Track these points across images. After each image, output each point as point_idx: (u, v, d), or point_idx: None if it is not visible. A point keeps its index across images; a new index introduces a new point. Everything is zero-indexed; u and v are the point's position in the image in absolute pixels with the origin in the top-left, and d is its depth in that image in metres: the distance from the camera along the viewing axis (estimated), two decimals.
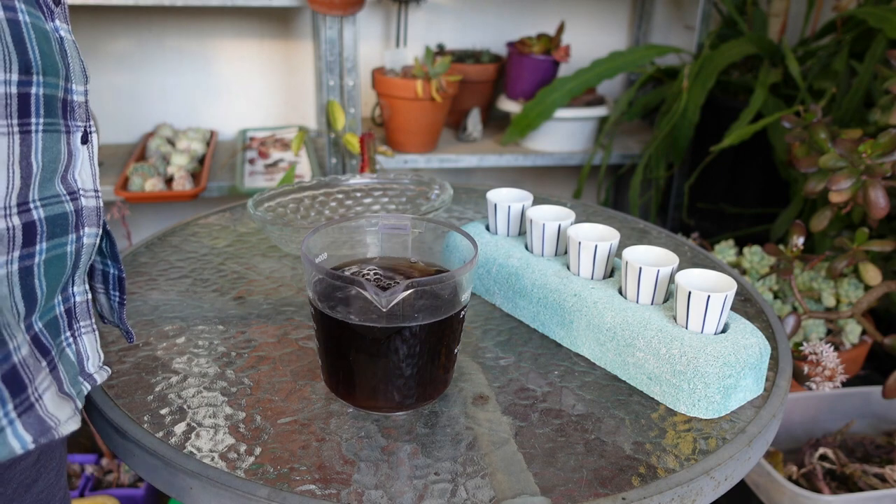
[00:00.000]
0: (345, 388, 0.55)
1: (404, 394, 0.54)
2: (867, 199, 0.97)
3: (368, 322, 0.51)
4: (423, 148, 1.72)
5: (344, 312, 0.52)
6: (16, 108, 0.43)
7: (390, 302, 0.49)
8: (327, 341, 0.54)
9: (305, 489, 0.48)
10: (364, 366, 0.53)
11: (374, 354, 0.52)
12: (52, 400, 0.45)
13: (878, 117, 1.21)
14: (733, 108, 1.61)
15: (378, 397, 0.54)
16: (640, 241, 0.85)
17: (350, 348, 0.53)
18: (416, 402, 0.55)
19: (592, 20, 1.98)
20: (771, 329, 0.69)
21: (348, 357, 0.53)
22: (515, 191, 0.73)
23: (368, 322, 0.51)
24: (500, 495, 0.48)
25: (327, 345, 0.54)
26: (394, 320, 0.51)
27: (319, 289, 0.53)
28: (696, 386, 0.56)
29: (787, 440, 1.20)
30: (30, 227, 0.44)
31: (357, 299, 0.52)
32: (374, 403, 0.55)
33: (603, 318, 0.61)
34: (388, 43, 1.88)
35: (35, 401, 0.43)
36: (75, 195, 0.49)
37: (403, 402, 0.55)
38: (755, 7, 1.74)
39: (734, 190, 1.70)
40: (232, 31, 1.81)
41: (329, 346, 0.54)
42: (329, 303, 0.53)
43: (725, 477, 0.52)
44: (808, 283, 1.34)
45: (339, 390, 0.56)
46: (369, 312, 0.51)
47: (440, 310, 0.52)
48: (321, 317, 0.53)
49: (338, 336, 0.53)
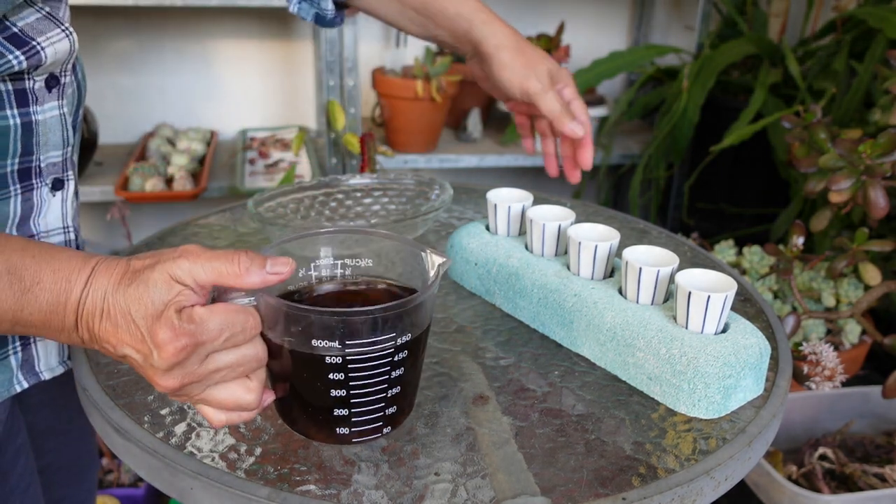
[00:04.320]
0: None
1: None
2: (867, 199, 0.97)
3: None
4: (423, 148, 1.72)
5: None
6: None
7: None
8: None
9: (305, 489, 0.48)
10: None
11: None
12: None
13: (878, 117, 1.21)
14: (733, 108, 1.61)
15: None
16: (640, 241, 0.85)
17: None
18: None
19: (592, 20, 1.98)
20: (771, 329, 0.69)
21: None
22: (515, 191, 0.73)
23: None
24: (500, 495, 0.48)
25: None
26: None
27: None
28: (697, 386, 0.56)
29: (787, 440, 1.20)
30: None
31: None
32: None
33: (603, 318, 0.61)
34: (388, 43, 1.88)
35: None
36: (32, 238, 0.56)
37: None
38: (755, 7, 1.74)
39: (734, 190, 1.70)
40: (232, 31, 1.81)
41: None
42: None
43: (725, 477, 0.52)
44: (808, 283, 1.34)
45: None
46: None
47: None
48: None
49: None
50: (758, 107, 1.49)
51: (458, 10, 0.70)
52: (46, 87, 0.53)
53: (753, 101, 1.50)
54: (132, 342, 0.43)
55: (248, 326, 0.44)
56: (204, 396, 0.45)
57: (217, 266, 0.43)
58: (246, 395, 0.45)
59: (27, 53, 0.50)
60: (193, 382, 0.44)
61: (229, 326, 0.43)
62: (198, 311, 0.42)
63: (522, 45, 0.71)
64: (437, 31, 0.72)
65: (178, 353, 0.42)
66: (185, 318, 0.42)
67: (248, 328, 0.44)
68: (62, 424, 0.74)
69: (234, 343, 0.44)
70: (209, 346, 0.43)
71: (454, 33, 0.71)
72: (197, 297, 0.43)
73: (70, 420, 0.75)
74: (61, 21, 0.53)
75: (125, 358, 0.44)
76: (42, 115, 0.53)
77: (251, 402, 0.46)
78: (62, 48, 0.52)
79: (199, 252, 0.43)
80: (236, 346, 0.44)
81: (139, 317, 0.42)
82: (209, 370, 0.44)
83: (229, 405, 0.46)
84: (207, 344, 0.43)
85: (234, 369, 0.45)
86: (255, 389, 0.46)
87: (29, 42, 0.50)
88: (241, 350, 0.44)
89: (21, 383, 0.59)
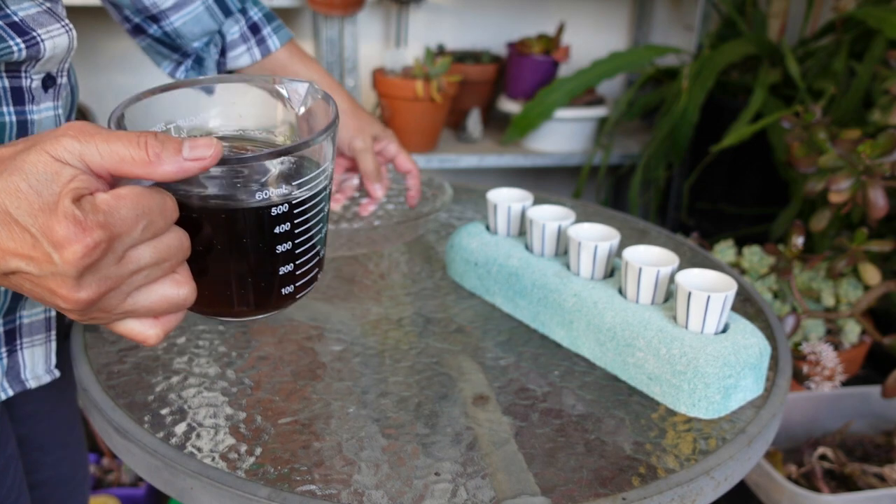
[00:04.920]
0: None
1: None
2: (866, 200, 0.97)
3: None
4: (423, 148, 1.72)
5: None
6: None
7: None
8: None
9: (305, 489, 0.48)
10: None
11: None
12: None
13: (878, 117, 1.21)
14: (733, 108, 1.61)
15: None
16: (640, 241, 0.85)
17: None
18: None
19: (592, 20, 1.98)
20: (771, 329, 0.69)
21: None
22: (515, 191, 0.73)
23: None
24: (500, 495, 0.48)
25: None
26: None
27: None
28: (696, 386, 0.56)
29: (787, 440, 1.20)
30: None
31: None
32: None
33: (603, 318, 0.61)
34: (388, 43, 1.88)
35: None
36: None
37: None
38: (754, 7, 1.74)
39: (734, 190, 1.70)
40: None
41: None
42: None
43: (725, 477, 0.52)
44: (808, 283, 1.34)
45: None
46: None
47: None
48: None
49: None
50: (757, 107, 1.49)
51: (308, 73, 0.78)
52: (43, 86, 0.53)
53: (753, 101, 1.50)
54: (19, 249, 0.33)
55: (167, 210, 0.36)
56: (128, 307, 0.37)
57: (117, 149, 0.34)
58: (177, 289, 0.38)
59: (28, 42, 0.49)
60: (112, 290, 0.35)
61: (145, 213, 0.35)
62: (102, 198, 0.34)
63: (358, 111, 0.79)
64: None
65: (90, 251, 0.33)
66: (89, 207, 0.33)
67: (168, 212, 0.36)
68: (57, 439, 0.73)
69: (154, 233, 0.36)
70: (126, 240, 0.34)
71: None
72: (96, 182, 0.35)
73: (65, 434, 0.74)
74: (61, 17, 0.53)
75: (15, 276, 0.35)
76: (38, 114, 0.53)
77: (187, 296, 0.38)
78: (61, 43, 0.52)
79: (92, 130, 0.35)
80: (156, 237, 0.36)
81: (23, 214, 0.33)
82: (130, 270, 0.35)
83: (161, 308, 0.38)
84: (124, 237, 0.34)
85: (159, 266, 0.37)
86: (185, 281, 0.38)
87: (30, 32, 0.50)
88: (162, 240, 0.36)
89: (6, 391, 0.58)
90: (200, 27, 0.75)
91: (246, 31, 0.77)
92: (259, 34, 0.77)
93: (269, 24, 0.77)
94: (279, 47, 0.77)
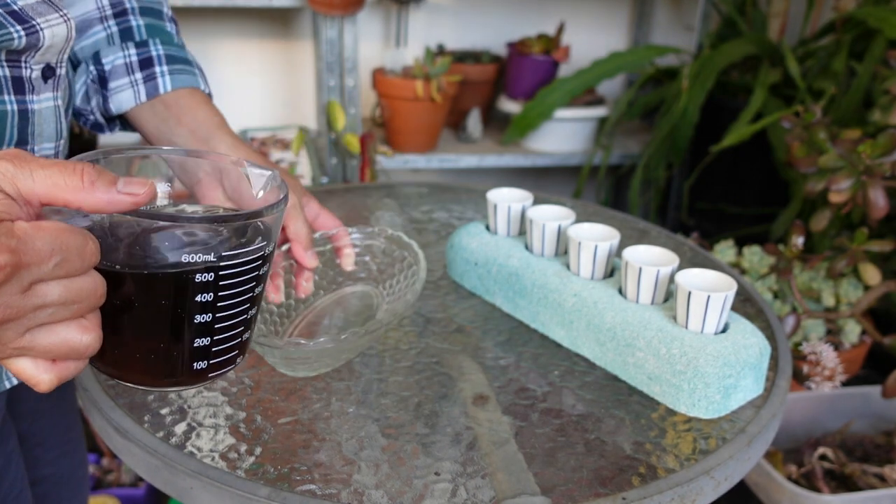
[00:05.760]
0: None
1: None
2: (867, 200, 0.97)
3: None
4: (423, 148, 1.72)
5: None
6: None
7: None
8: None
9: (305, 489, 0.48)
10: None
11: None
12: None
13: (878, 117, 1.21)
14: (733, 108, 1.61)
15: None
16: (640, 241, 0.85)
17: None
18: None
19: (592, 20, 1.98)
20: (771, 329, 0.69)
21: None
22: (515, 191, 0.73)
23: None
24: (500, 495, 0.48)
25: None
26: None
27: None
28: (696, 386, 0.56)
29: (787, 440, 1.20)
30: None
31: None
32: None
33: (603, 318, 0.61)
34: (388, 43, 1.88)
35: None
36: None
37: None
38: (755, 7, 1.74)
39: (734, 190, 1.70)
40: (232, 31, 1.81)
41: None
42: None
43: (725, 477, 0.52)
44: (808, 283, 1.34)
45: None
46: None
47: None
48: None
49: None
50: (757, 107, 1.49)
51: (207, 114, 0.66)
52: (43, 77, 0.54)
53: (753, 101, 1.50)
54: None
55: (87, 252, 0.34)
56: (24, 343, 0.34)
57: (52, 174, 0.33)
58: (81, 335, 0.35)
59: (27, 30, 0.50)
60: (10, 320, 0.33)
61: (62, 249, 0.33)
62: (20, 225, 0.32)
63: (270, 165, 0.66)
64: (178, 130, 0.66)
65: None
66: (3, 230, 0.32)
67: (87, 254, 0.34)
68: (57, 435, 0.74)
69: (68, 272, 0.34)
70: (35, 272, 0.32)
71: (196, 133, 0.64)
72: (19, 210, 0.33)
73: (65, 431, 0.75)
74: (59, 7, 0.53)
75: None
76: (38, 104, 0.54)
77: (89, 345, 0.36)
78: (60, 32, 0.53)
79: (27, 157, 0.34)
80: (69, 277, 0.34)
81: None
82: (34, 304, 0.33)
83: (60, 351, 0.35)
84: (33, 268, 0.32)
85: (66, 307, 0.34)
86: (92, 328, 0.36)
87: (29, 21, 0.50)
88: (76, 282, 0.34)
89: (10, 380, 0.58)
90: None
91: (133, 62, 0.65)
92: (150, 69, 0.65)
93: (167, 63, 0.66)
94: (169, 90, 0.65)
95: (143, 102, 0.65)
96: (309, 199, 0.68)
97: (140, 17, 0.67)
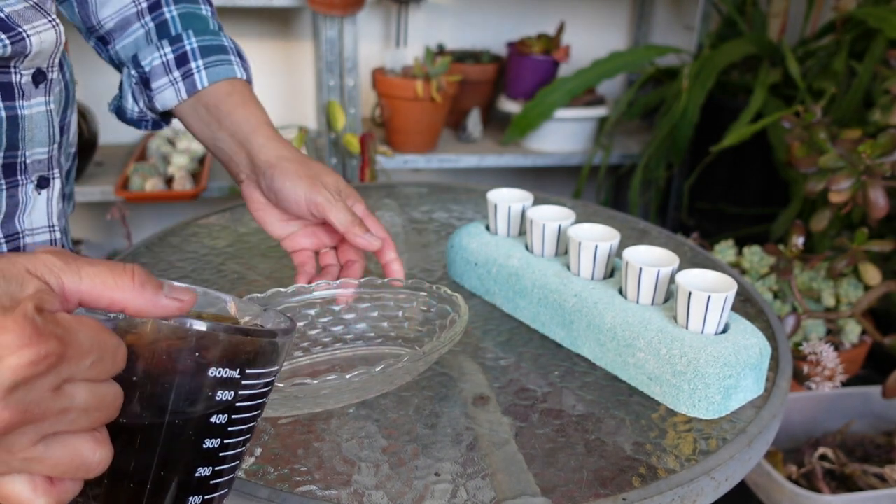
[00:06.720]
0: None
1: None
2: (867, 200, 0.97)
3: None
4: (423, 148, 1.72)
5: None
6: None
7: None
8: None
9: (306, 490, 0.48)
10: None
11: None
12: None
13: (878, 117, 1.21)
14: (733, 108, 1.61)
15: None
16: (640, 241, 0.85)
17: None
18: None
19: (592, 20, 1.98)
20: (771, 329, 0.69)
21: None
22: (515, 191, 0.73)
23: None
24: (500, 496, 0.48)
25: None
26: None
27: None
28: (697, 386, 0.56)
29: (787, 440, 1.20)
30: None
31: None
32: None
33: (603, 318, 0.61)
34: (388, 43, 1.88)
35: None
36: (15, 236, 0.55)
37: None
38: (755, 7, 1.74)
39: (734, 190, 1.70)
40: (232, 31, 1.80)
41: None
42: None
43: (726, 477, 0.52)
44: (808, 283, 1.34)
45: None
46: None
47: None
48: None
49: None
50: (758, 107, 1.49)
51: (246, 115, 0.67)
52: (33, 82, 0.54)
53: (753, 101, 1.50)
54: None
55: (119, 355, 0.32)
56: (34, 455, 0.30)
57: (100, 272, 0.32)
58: (94, 450, 0.31)
59: (13, 39, 0.50)
60: (31, 423, 0.29)
61: (100, 347, 0.31)
62: (64, 317, 0.30)
63: (306, 159, 0.66)
64: (219, 134, 0.67)
65: (39, 361, 0.28)
66: (50, 318, 0.29)
67: (118, 358, 0.32)
68: None
69: (98, 374, 0.31)
70: (73, 367, 0.30)
71: (235, 136, 0.66)
72: (59, 306, 0.31)
73: None
74: (48, 12, 0.53)
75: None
76: (28, 109, 0.54)
77: (101, 461, 0.32)
78: (48, 38, 0.53)
79: (73, 255, 0.33)
80: (98, 381, 0.31)
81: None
82: (60, 406, 0.30)
83: (68, 468, 0.31)
84: (72, 362, 0.30)
85: (87, 414, 0.31)
86: (105, 441, 0.32)
87: (15, 28, 0.50)
88: (101, 387, 0.31)
89: None
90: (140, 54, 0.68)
91: (169, 60, 0.66)
92: (186, 66, 0.66)
93: (202, 56, 0.66)
94: (206, 85, 0.66)
95: (184, 99, 0.67)
96: (357, 200, 0.66)
97: (174, 5, 0.68)
